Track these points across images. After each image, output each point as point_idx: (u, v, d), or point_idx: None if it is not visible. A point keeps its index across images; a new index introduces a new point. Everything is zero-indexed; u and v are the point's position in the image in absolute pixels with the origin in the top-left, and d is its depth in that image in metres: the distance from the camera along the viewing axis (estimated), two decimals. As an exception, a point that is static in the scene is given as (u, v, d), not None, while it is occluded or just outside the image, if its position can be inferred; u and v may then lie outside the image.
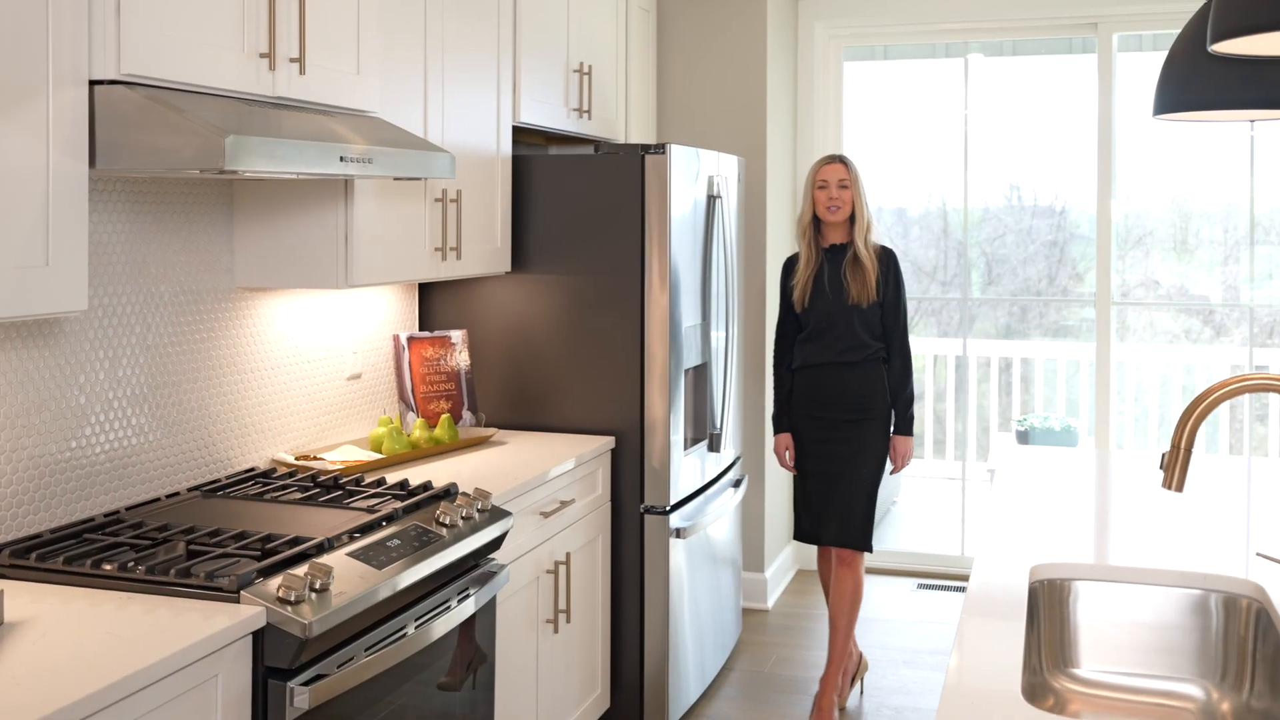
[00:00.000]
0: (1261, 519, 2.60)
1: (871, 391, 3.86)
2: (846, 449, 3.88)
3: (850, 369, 3.85)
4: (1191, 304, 7.22)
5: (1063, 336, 7.61)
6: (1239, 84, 2.50)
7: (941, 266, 7.73)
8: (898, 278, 3.90)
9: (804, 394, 3.93)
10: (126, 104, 1.99)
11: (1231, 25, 1.63)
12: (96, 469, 2.48)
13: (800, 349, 3.93)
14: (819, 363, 3.88)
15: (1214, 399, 1.75)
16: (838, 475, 3.89)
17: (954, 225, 7.53)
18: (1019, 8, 5.01)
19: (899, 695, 4.06)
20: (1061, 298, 7.52)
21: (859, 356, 3.84)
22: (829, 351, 3.86)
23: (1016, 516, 2.57)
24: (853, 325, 3.83)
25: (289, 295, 3.08)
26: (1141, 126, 5.64)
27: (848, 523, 3.87)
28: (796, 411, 3.97)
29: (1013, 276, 7.67)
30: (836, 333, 3.84)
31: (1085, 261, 7.49)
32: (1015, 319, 7.71)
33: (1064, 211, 7.49)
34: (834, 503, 3.89)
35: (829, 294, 3.84)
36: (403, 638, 2.29)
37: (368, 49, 2.67)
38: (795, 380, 3.96)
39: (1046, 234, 7.51)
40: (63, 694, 1.58)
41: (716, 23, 4.86)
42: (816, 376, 3.89)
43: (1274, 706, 1.99)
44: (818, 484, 3.93)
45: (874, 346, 3.85)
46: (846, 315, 3.83)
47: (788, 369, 3.97)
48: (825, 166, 3.90)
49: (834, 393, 3.87)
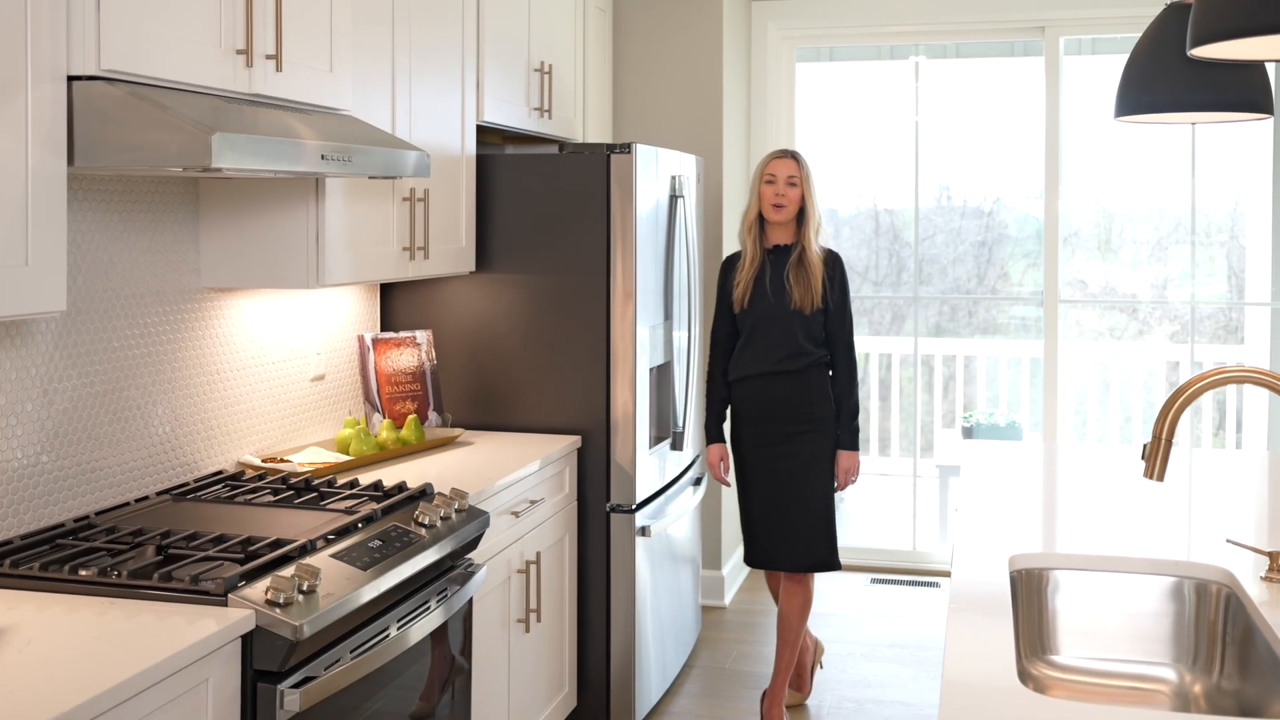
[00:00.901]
0: (1229, 507, 2.68)
1: (816, 400, 3.67)
2: (793, 465, 3.67)
3: (791, 378, 3.65)
4: (1129, 303, 7.39)
5: (993, 334, 7.75)
6: (1198, 87, 2.58)
7: (874, 266, 7.86)
8: (843, 282, 3.70)
9: (744, 406, 3.72)
10: (107, 100, 1.95)
11: (1213, 30, 1.69)
12: (64, 474, 2.43)
13: (738, 357, 3.71)
14: (757, 372, 3.67)
15: (1194, 391, 1.81)
16: (790, 496, 3.67)
17: (884, 225, 7.67)
18: (968, 11, 5.11)
19: (859, 688, 4.12)
20: (1009, 296, 7.66)
21: (800, 364, 3.63)
22: (768, 359, 3.64)
23: (988, 510, 2.62)
24: (794, 331, 3.62)
25: (254, 295, 3.04)
26: (1065, 129, 5.77)
27: (811, 547, 3.68)
28: (737, 425, 3.76)
29: (943, 276, 7.81)
30: (776, 339, 3.63)
31: (1013, 261, 7.67)
32: (945, 318, 7.84)
33: (992, 212, 7.64)
34: (788, 526, 3.68)
35: (770, 297, 3.63)
36: (385, 639, 2.28)
37: (340, 47, 2.64)
38: (734, 392, 3.75)
39: (975, 234, 7.65)
40: (60, 701, 1.55)
41: (671, 23, 4.88)
42: (756, 387, 3.68)
43: (1243, 687, 2.06)
44: (767, 506, 3.71)
45: (816, 354, 3.65)
46: (788, 321, 3.62)
47: (724, 376, 3.77)
48: (774, 161, 3.69)
49: (775, 404, 3.67)
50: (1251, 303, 6.05)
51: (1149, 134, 5.94)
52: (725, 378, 3.76)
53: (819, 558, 3.69)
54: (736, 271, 3.71)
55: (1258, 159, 5.86)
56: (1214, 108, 2.60)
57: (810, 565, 3.69)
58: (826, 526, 3.70)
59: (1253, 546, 2.12)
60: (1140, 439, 6.91)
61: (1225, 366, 1.89)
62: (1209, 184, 6.35)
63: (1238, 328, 7.00)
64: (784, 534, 3.68)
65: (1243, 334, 6.87)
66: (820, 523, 3.68)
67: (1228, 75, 2.56)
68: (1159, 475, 1.87)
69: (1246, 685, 2.04)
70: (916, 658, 4.39)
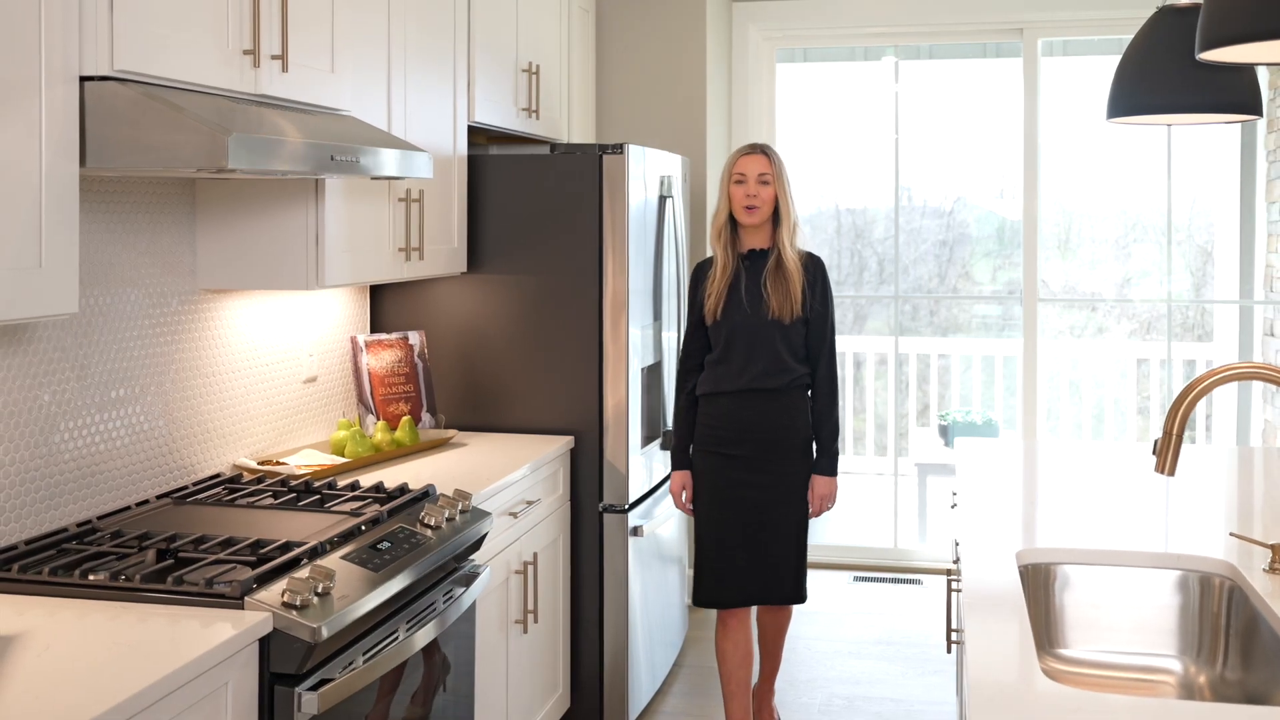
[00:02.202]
0: (1224, 500, 2.73)
1: (794, 424, 3.33)
2: (766, 496, 3.32)
3: (769, 397, 3.30)
4: (1108, 302, 7.49)
5: (954, 334, 7.84)
6: (1190, 89, 2.63)
7: (836, 266, 7.93)
8: (825, 289, 3.36)
9: (711, 426, 3.35)
10: (120, 101, 1.94)
11: (1222, 34, 1.72)
12: (65, 477, 2.40)
13: (709, 372, 3.35)
14: (731, 389, 3.31)
15: (1204, 386, 1.84)
16: (757, 526, 3.33)
17: (846, 225, 7.74)
18: (947, 13, 5.16)
19: (849, 685, 4.15)
20: (981, 296, 7.74)
21: (780, 382, 3.30)
22: (744, 376, 3.29)
23: (988, 507, 2.65)
24: (773, 344, 3.28)
25: (249, 297, 3.02)
26: (1043, 130, 5.85)
27: (782, 579, 3.36)
28: (701, 447, 3.38)
29: (904, 276, 7.90)
30: (754, 353, 3.29)
31: (975, 260, 7.77)
32: (906, 317, 7.92)
33: (953, 212, 7.73)
34: (754, 559, 3.34)
35: (746, 307, 3.29)
36: (395, 641, 2.28)
37: (342, 47, 2.63)
38: (703, 409, 3.38)
39: (936, 234, 7.74)
40: (87, 707, 1.54)
41: (654, 24, 4.89)
42: (728, 406, 3.32)
43: (1247, 678, 2.10)
44: (730, 537, 3.33)
45: (797, 371, 3.31)
46: (766, 333, 3.28)
47: (691, 395, 3.42)
48: (743, 158, 3.33)
49: (749, 426, 3.31)
50: (1226, 300, 6.16)
51: (1114, 134, 6.03)
52: (694, 397, 3.42)
53: (788, 591, 3.40)
54: (708, 281, 3.37)
55: (1223, 159, 5.97)
56: (1206, 109, 2.65)
57: (781, 598, 3.41)
58: (798, 561, 3.38)
59: (1256, 539, 2.16)
60: (1112, 435, 7.01)
61: (1232, 363, 1.93)
62: (1171, 182, 6.45)
63: (1195, 325, 7.14)
64: (755, 567, 3.35)
65: (1204, 330, 7.00)
66: (794, 554, 3.37)
67: (1219, 77, 2.61)
68: (1170, 470, 1.91)
69: (1250, 675, 2.08)
70: (903, 654, 4.43)
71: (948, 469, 6.06)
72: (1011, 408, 6.90)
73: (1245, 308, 5.74)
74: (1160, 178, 5.39)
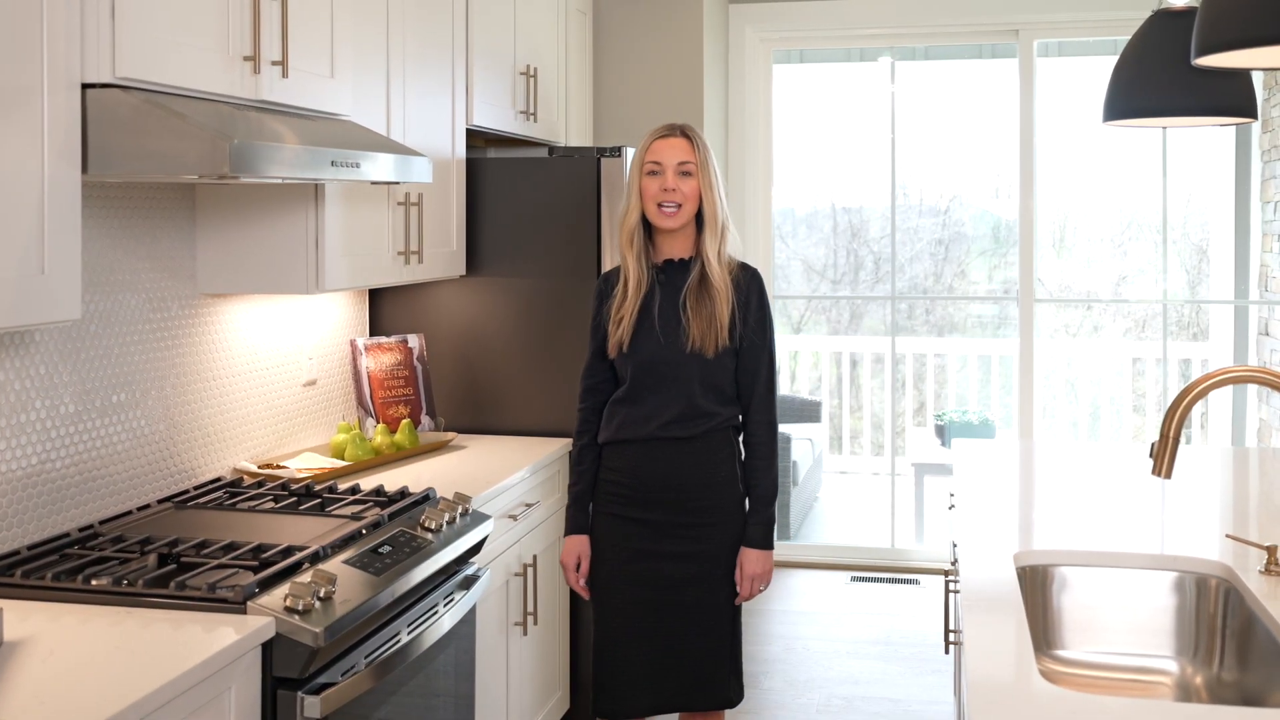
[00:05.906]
0: (1219, 502, 2.74)
1: (715, 479, 2.66)
2: (682, 571, 2.65)
3: (684, 447, 2.64)
4: (1106, 302, 7.51)
5: (949, 333, 7.86)
6: (1186, 92, 2.64)
7: (831, 265, 7.96)
8: (763, 311, 2.68)
9: (614, 481, 2.70)
10: (123, 107, 1.95)
11: (1218, 39, 1.73)
12: (65, 482, 2.41)
13: (613, 413, 2.70)
14: (637, 437, 2.66)
15: (1200, 390, 1.86)
16: (678, 614, 2.65)
17: (842, 224, 7.78)
18: (944, 14, 5.17)
19: (848, 685, 4.16)
20: (979, 296, 7.76)
21: (698, 429, 2.64)
22: (651, 422, 2.64)
23: (986, 508, 2.66)
24: (691, 382, 2.63)
25: (249, 301, 3.03)
26: (1039, 130, 5.87)
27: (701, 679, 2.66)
28: (602, 508, 2.73)
29: (900, 275, 7.93)
30: (667, 395, 2.64)
31: (970, 260, 7.80)
32: (902, 316, 7.95)
33: (949, 210, 7.76)
34: (669, 654, 2.65)
35: (660, 336, 2.64)
36: (396, 644, 2.29)
37: (341, 52, 2.64)
38: (604, 459, 2.73)
39: (932, 233, 7.77)
40: (93, 712, 1.55)
41: (651, 26, 4.90)
42: (634, 458, 2.67)
43: (1243, 678, 2.12)
44: (638, 624, 2.65)
45: (721, 414, 2.66)
46: (684, 369, 2.63)
47: (595, 440, 2.75)
48: (657, 142, 2.67)
49: (660, 483, 2.65)
50: (1221, 300, 6.18)
51: (1109, 134, 6.05)
52: (596, 442, 2.76)
53: (719, 695, 2.69)
54: (614, 299, 2.70)
55: (1218, 158, 5.99)
56: (1201, 112, 2.67)
57: (706, 704, 2.70)
58: (731, 653, 2.71)
59: (1251, 541, 2.18)
60: (1108, 434, 7.04)
61: (1228, 367, 1.94)
62: (1166, 182, 6.48)
63: (1190, 324, 7.17)
64: (670, 664, 2.66)
65: (1199, 329, 7.03)
66: (722, 649, 2.68)
67: (1214, 81, 2.63)
68: (1167, 473, 1.92)
69: (1246, 676, 2.09)
70: (901, 654, 4.45)
71: (944, 469, 6.08)
72: (1007, 406, 6.93)
73: (1240, 307, 5.76)
74: (1155, 177, 5.41)
